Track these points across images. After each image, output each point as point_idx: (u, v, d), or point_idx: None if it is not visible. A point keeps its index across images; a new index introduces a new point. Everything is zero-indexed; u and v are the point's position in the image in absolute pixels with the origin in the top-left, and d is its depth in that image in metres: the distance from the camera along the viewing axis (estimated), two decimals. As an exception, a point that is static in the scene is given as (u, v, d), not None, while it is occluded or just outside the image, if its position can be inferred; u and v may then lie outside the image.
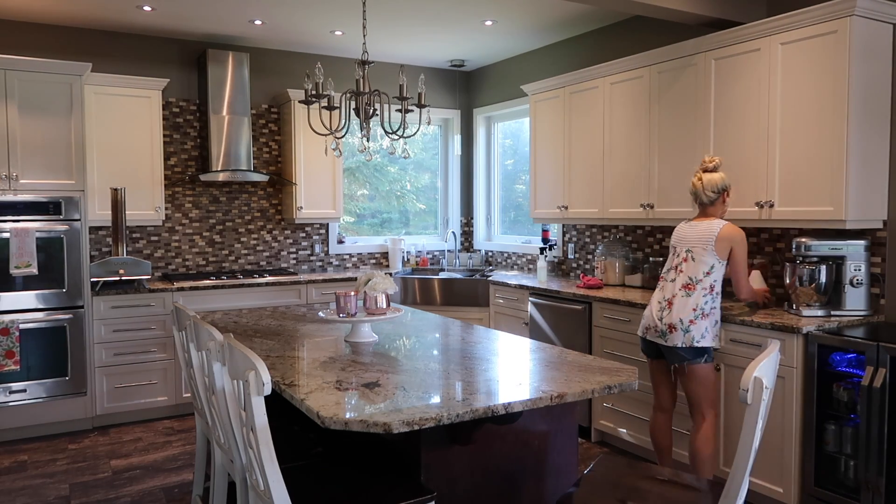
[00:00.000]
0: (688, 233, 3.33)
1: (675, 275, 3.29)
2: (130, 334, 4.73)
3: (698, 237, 3.27)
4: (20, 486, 3.71)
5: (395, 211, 6.66)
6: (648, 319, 3.32)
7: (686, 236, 3.33)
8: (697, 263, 3.24)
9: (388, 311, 2.94)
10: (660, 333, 3.25)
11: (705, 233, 3.25)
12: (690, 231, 3.32)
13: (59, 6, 4.55)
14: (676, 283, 3.27)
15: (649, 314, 3.33)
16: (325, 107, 3.45)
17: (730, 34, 3.71)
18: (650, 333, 3.30)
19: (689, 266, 3.26)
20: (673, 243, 3.39)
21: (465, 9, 4.62)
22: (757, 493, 3.32)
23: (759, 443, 1.81)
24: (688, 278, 3.24)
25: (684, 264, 3.27)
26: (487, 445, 2.31)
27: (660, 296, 3.32)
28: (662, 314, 3.25)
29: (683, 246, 3.31)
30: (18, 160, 4.37)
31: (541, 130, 5.20)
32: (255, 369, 1.80)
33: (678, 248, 3.34)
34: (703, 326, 3.18)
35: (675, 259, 3.33)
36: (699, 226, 3.30)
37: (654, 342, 3.30)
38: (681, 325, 3.19)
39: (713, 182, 3.30)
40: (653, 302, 3.34)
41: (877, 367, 2.87)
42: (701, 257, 3.24)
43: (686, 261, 3.27)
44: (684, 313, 3.19)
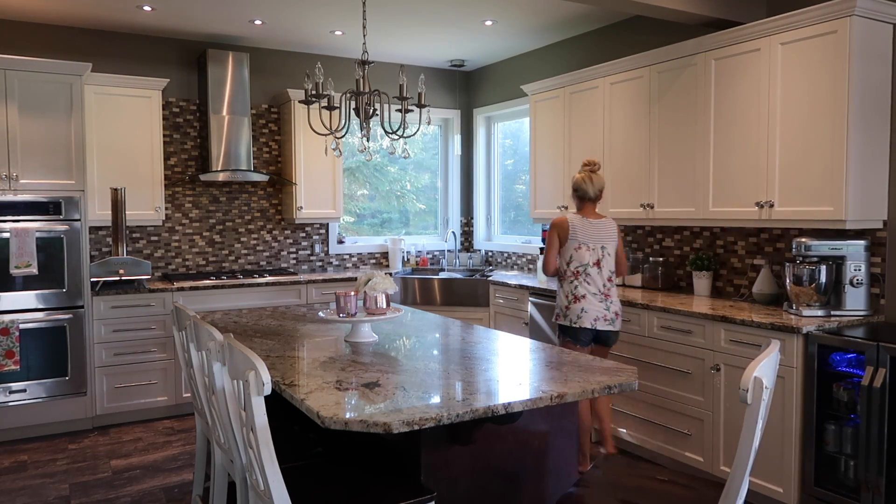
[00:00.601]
0: (595, 232, 3.67)
1: (598, 270, 3.65)
2: (130, 334, 4.73)
3: (608, 236, 3.69)
4: (20, 486, 3.71)
5: (395, 211, 6.66)
6: (597, 311, 3.61)
7: (597, 235, 3.67)
8: (612, 258, 3.70)
9: (388, 311, 2.94)
10: (609, 321, 3.63)
11: (611, 231, 3.71)
12: (596, 230, 3.68)
13: (59, 6, 4.55)
14: (603, 276, 3.65)
15: (594, 308, 3.61)
16: (325, 107, 3.45)
17: (730, 34, 3.71)
18: (600, 323, 3.62)
19: (608, 261, 3.68)
20: (583, 240, 3.65)
21: (465, 9, 4.62)
22: (757, 493, 3.32)
23: (759, 443, 1.81)
24: (609, 272, 3.68)
25: (604, 260, 3.66)
26: (487, 445, 2.31)
27: (592, 289, 3.63)
28: (608, 304, 3.64)
29: (599, 244, 3.66)
30: (18, 160, 4.37)
31: (541, 130, 5.20)
32: (255, 369, 1.80)
33: (592, 245, 3.65)
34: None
35: (592, 255, 3.64)
36: (602, 224, 3.70)
37: (604, 330, 3.64)
38: (620, 311, 3.72)
39: (601, 181, 3.72)
40: (588, 297, 3.62)
41: (877, 367, 2.87)
42: (611, 252, 3.69)
43: (604, 257, 3.67)
44: (617, 303, 3.70)
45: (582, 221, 3.68)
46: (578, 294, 3.62)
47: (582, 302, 3.61)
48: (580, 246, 3.64)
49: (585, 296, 3.61)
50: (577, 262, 3.64)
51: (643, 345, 3.92)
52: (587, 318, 3.60)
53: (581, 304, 3.61)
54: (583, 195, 3.70)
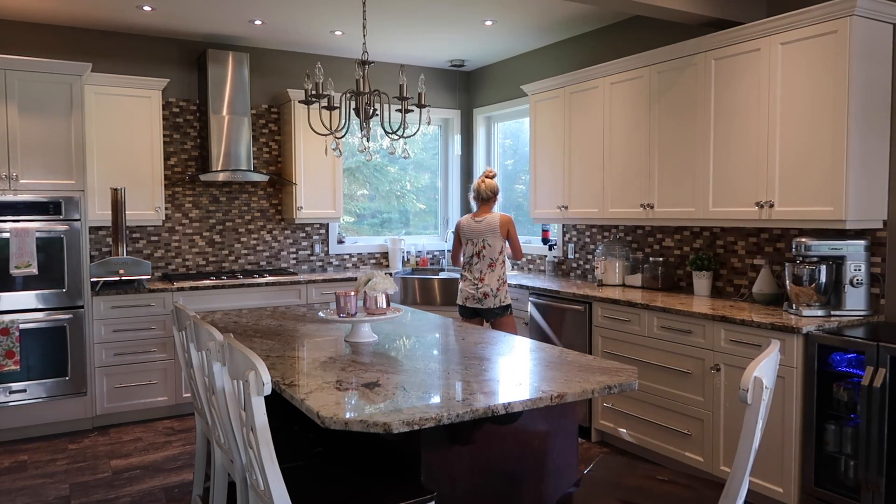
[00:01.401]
0: (477, 228, 4.40)
1: (479, 259, 4.39)
2: (130, 334, 4.73)
3: (489, 230, 4.37)
4: (20, 486, 3.71)
5: (395, 211, 6.66)
6: (467, 293, 4.41)
7: (479, 230, 4.39)
8: (493, 248, 4.36)
9: (388, 311, 2.94)
10: (477, 300, 4.37)
11: (492, 226, 4.37)
12: (479, 227, 4.40)
13: (59, 6, 4.55)
14: (483, 263, 4.38)
15: (467, 290, 4.41)
16: (325, 107, 3.45)
17: (730, 34, 3.71)
18: (469, 301, 4.40)
19: (488, 251, 4.36)
20: (468, 236, 4.42)
21: (465, 9, 4.62)
22: (757, 493, 3.32)
23: (759, 443, 1.81)
24: (490, 259, 4.36)
25: (483, 251, 4.37)
26: (487, 445, 2.31)
27: (469, 276, 4.42)
28: (477, 287, 4.37)
29: (480, 238, 4.38)
30: (18, 160, 4.38)
31: (541, 130, 5.20)
32: (255, 369, 1.80)
33: (474, 240, 4.40)
34: (504, 290, 4.40)
35: (474, 247, 4.41)
36: (484, 221, 4.40)
37: (473, 307, 4.41)
38: (491, 292, 4.34)
39: (491, 186, 4.45)
40: (464, 282, 4.44)
41: (877, 367, 2.87)
42: (493, 243, 4.36)
43: (484, 248, 4.37)
44: (493, 284, 4.35)
45: (468, 221, 4.46)
46: (460, 280, 4.50)
47: (460, 284, 4.49)
48: (466, 242, 4.45)
49: (463, 281, 4.46)
50: (467, 255, 4.46)
51: (643, 345, 3.93)
52: (459, 298, 4.48)
53: (460, 286, 4.49)
54: (475, 197, 4.50)
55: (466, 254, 4.46)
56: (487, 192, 4.46)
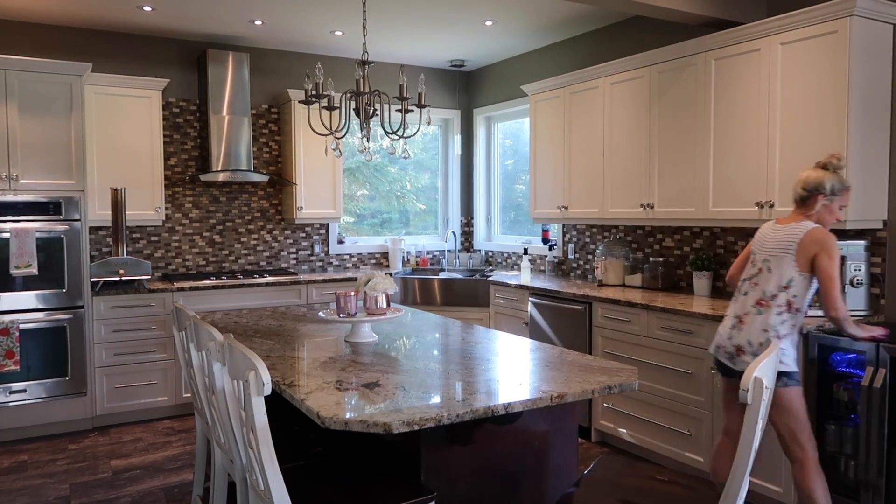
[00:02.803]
0: (769, 236, 2.85)
1: (751, 288, 2.83)
2: (130, 334, 4.73)
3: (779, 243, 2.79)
4: (20, 486, 3.71)
5: (395, 211, 6.66)
6: (717, 338, 2.92)
7: (768, 241, 2.84)
8: (776, 276, 2.76)
9: (388, 312, 2.94)
10: (728, 354, 2.85)
11: (789, 238, 2.76)
12: (773, 235, 2.83)
13: (59, 6, 4.55)
14: (752, 297, 2.81)
15: (719, 332, 2.92)
16: (325, 107, 3.45)
17: (730, 34, 3.71)
18: (720, 353, 2.90)
19: (765, 278, 2.79)
20: (754, 248, 2.91)
21: (465, 9, 4.62)
22: (757, 493, 3.32)
23: (759, 443, 1.81)
24: (763, 294, 2.78)
25: (759, 275, 2.81)
26: (487, 445, 2.31)
27: (731, 311, 2.91)
28: (732, 333, 2.84)
29: (761, 255, 2.84)
30: (18, 160, 4.37)
31: (541, 130, 5.20)
32: (255, 369, 1.80)
33: (757, 256, 2.87)
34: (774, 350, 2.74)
35: (752, 267, 2.87)
36: (784, 229, 2.81)
37: (722, 363, 2.90)
38: (749, 347, 2.77)
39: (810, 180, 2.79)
40: (727, 317, 2.91)
41: (877, 367, 2.87)
42: (779, 268, 2.76)
43: (761, 271, 2.81)
44: (753, 334, 2.76)
45: (767, 226, 2.91)
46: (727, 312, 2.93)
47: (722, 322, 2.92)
48: (753, 255, 2.90)
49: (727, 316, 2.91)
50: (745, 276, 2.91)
51: (643, 345, 3.92)
52: (712, 343, 2.96)
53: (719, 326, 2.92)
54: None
55: (744, 275, 2.93)
56: (798, 188, 2.83)
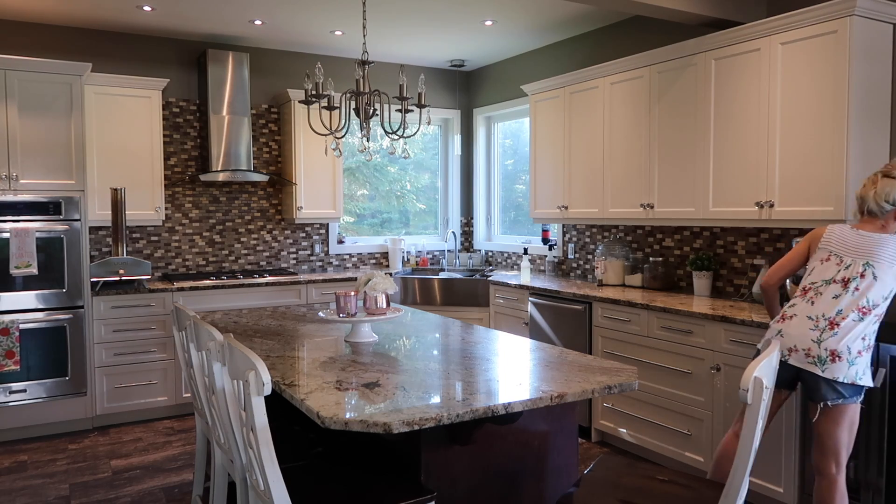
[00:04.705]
0: (862, 242, 2.66)
1: (844, 290, 2.63)
2: (130, 334, 4.73)
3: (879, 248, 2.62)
4: (20, 486, 3.71)
5: (395, 211, 6.66)
6: (794, 338, 2.65)
7: (862, 246, 2.65)
8: (881, 284, 2.60)
9: (388, 311, 2.94)
10: (814, 360, 2.60)
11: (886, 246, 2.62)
12: (864, 241, 2.66)
13: (59, 6, 4.55)
14: (849, 299, 2.61)
15: (798, 332, 2.64)
16: (325, 107, 3.45)
17: (730, 34, 3.71)
18: (795, 358, 2.63)
19: (867, 284, 2.60)
20: (835, 249, 2.71)
21: (465, 9, 4.62)
22: (757, 493, 3.32)
23: (759, 443, 1.81)
24: (867, 301, 2.59)
25: (861, 280, 2.61)
26: (487, 445, 2.31)
27: (813, 311, 2.65)
28: (823, 336, 2.60)
29: (860, 259, 2.64)
30: (18, 160, 4.37)
31: (541, 130, 5.20)
32: (255, 369, 1.80)
33: (845, 259, 2.67)
34: (867, 360, 2.59)
35: (843, 271, 2.66)
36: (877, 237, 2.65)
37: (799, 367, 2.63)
38: (847, 354, 2.56)
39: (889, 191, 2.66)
40: (800, 318, 2.67)
41: (877, 367, 2.87)
42: (885, 275, 2.60)
43: (863, 276, 2.61)
44: (853, 341, 2.56)
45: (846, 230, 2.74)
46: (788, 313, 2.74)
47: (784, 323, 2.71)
48: (826, 256, 2.72)
49: (789, 318, 2.71)
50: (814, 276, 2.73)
51: (643, 345, 3.92)
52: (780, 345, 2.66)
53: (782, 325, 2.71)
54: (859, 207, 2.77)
55: (815, 275, 2.72)
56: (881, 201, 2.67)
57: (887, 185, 2.66)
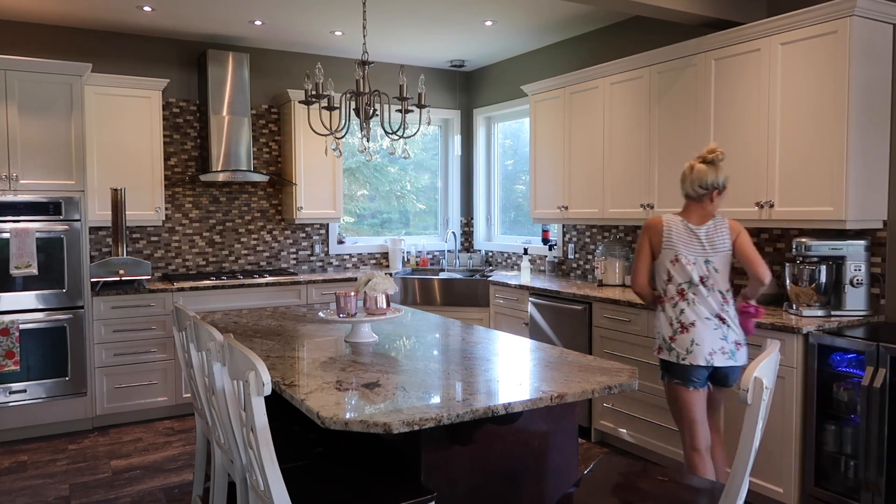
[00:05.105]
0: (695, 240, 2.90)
1: (709, 291, 2.86)
2: (130, 334, 4.73)
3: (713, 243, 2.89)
4: (20, 486, 3.71)
5: (395, 211, 6.66)
6: (710, 345, 2.80)
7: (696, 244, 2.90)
8: (723, 273, 2.89)
9: (388, 312, 2.94)
10: (729, 354, 2.82)
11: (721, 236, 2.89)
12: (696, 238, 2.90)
13: (59, 6, 4.55)
14: (716, 297, 2.86)
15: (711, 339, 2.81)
16: (325, 107, 3.45)
17: (730, 34, 3.71)
18: (718, 358, 2.81)
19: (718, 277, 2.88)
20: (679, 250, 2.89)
21: (465, 9, 4.62)
22: (757, 493, 3.32)
23: (759, 443, 1.81)
24: (724, 290, 2.89)
25: (710, 277, 2.87)
26: (487, 445, 2.31)
27: (703, 313, 2.84)
28: (724, 333, 2.83)
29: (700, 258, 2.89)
30: (18, 160, 4.37)
31: (541, 130, 5.20)
32: (256, 369, 1.80)
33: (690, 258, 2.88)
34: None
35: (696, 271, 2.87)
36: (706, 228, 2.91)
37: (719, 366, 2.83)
38: (743, 339, 2.86)
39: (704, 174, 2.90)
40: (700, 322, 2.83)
41: (877, 367, 2.87)
42: (722, 266, 2.88)
43: (710, 273, 2.88)
44: (738, 326, 2.87)
45: (680, 225, 2.92)
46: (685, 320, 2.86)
47: (694, 332, 2.83)
48: (674, 259, 2.89)
49: (698, 324, 2.83)
50: (677, 280, 2.89)
51: (643, 345, 3.92)
52: (699, 355, 2.81)
53: (692, 335, 2.82)
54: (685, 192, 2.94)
55: (676, 278, 2.89)
56: (696, 186, 2.89)
57: (702, 171, 2.89)
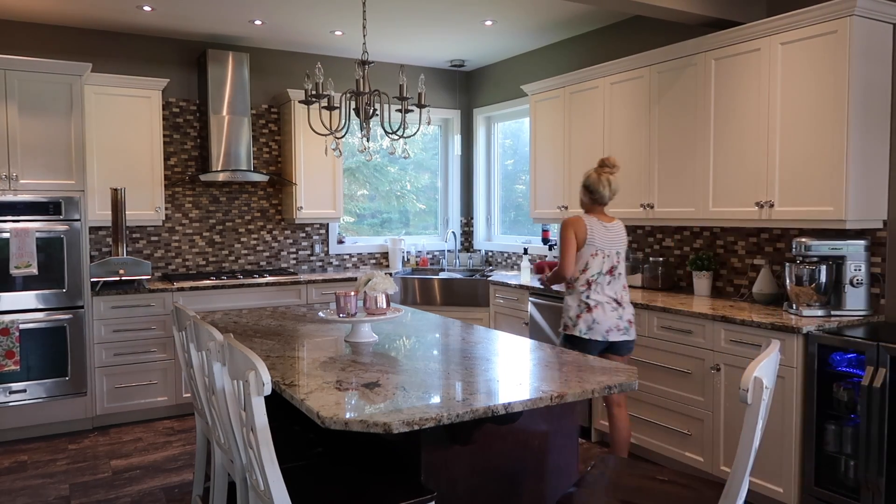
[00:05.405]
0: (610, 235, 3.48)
1: (613, 278, 3.47)
2: (130, 334, 4.73)
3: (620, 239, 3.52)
4: (20, 486, 3.71)
5: (395, 211, 6.66)
6: (610, 323, 3.42)
7: (611, 239, 3.48)
8: (622, 264, 3.53)
9: (388, 311, 2.94)
10: (624, 331, 3.46)
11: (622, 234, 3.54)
12: (611, 234, 3.49)
13: (59, 6, 4.55)
14: (619, 283, 3.49)
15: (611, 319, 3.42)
16: (325, 107, 3.45)
17: (730, 34, 3.71)
18: (614, 334, 3.43)
19: (621, 267, 3.51)
20: (600, 246, 3.43)
21: (465, 9, 4.62)
22: (757, 493, 3.32)
23: (759, 443, 1.81)
24: (624, 277, 3.53)
25: (618, 266, 3.49)
26: (487, 445, 2.31)
27: (606, 299, 3.44)
28: (620, 313, 3.45)
29: (613, 249, 3.48)
30: (18, 160, 4.37)
31: (541, 130, 5.20)
32: (256, 369, 1.80)
33: (608, 251, 3.45)
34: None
35: (606, 261, 3.45)
36: (614, 226, 3.52)
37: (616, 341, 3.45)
38: (633, 318, 3.54)
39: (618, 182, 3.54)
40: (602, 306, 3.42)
41: (877, 367, 2.87)
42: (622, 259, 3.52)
43: (619, 262, 3.49)
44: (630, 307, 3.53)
45: (599, 226, 3.45)
46: (581, 304, 3.43)
47: (594, 313, 3.41)
48: (595, 252, 3.43)
49: (594, 307, 3.41)
50: (592, 270, 3.43)
51: (643, 345, 3.92)
52: (597, 331, 3.40)
53: (593, 315, 3.41)
54: (599, 199, 3.49)
55: (592, 268, 3.43)
56: (613, 194, 3.51)
57: (615, 182, 3.48)
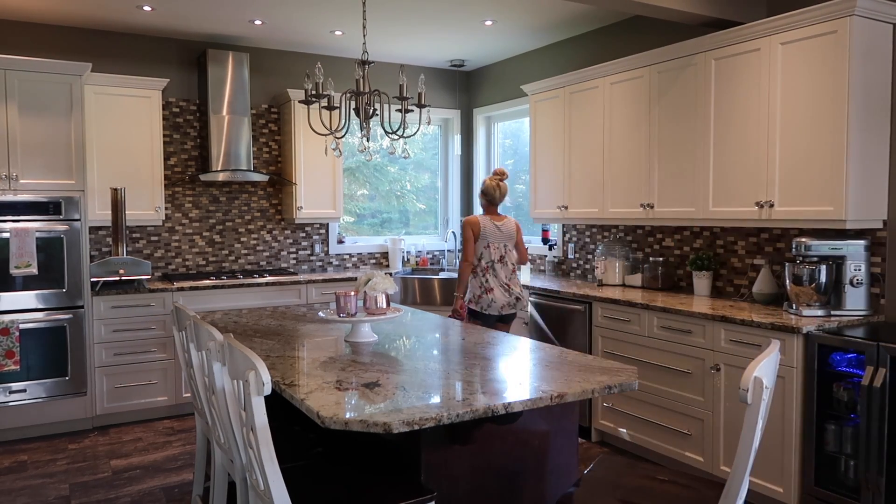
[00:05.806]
0: (499, 233, 4.28)
1: (503, 265, 4.26)
2: (130, 334, 4.73)
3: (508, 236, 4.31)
4: (20, 486, 3.71)
5: (395, 211, 6.66)
6: (502, 301, 4.23)
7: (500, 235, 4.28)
8: (512, 254, 4.32)
9: (388, 311, 2.94)
10: (513, 305, 4.28)
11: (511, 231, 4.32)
12: (500, 232, 4.28)
13: (59, 6, 4.55)
14: (508, 269, 4.28)
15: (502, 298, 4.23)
16: (325, 107, 3.45)
17: (730, 34, 3.71)
18: (506, 309, 4.25)
19: (509, 256, 4.30)
20: (490, 240, 4.24)
21: (465, 9, 4.62)
22: (757, 493, 3.32)
23: (759, 443, 1.81)
24: (512, 265, 4.30)
25: (506, 256, 4.28)
26: (487, 445, 2.31)
27: (498, 283, 4.25)
28: (510, 292, 4.26)
29: (503, 243, 4.27)
30: (18, 160, 4.37)
31: (541, 130, 5.20)
32: (255, 369, 1.80)
33: (498, 244, 4.26)
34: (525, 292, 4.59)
35: (496, 251, 4.26)
36: (504, 224, 4.31)
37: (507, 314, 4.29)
38: (522, 294, 4.34)
39: (506, 189, 4.37)
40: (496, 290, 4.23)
41: (877, 366, 2.87)
42: (511, 250, 4.33)
43: (507, 252, 4.29)
44: (519, 286, 4.36)
45: (490, 224, 4.28)
46: (481, 287, 4.25)
47: (493, 294, 4.23)
48: (486, 245, 4.26)
49: (490, 289, 4.24)
50: (485, 259, 4.26)
51: (643, 345, 3.93)
52: (492, 307, 4.22)
53: (491, 296, 4.22)
54: (490, 201, 4.33)
55: (484, 258, 4.26)
56: (504, 195, 4.39)
57: (505, 189, 4.36)
